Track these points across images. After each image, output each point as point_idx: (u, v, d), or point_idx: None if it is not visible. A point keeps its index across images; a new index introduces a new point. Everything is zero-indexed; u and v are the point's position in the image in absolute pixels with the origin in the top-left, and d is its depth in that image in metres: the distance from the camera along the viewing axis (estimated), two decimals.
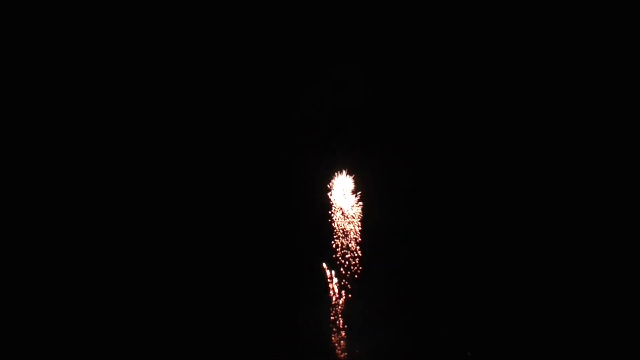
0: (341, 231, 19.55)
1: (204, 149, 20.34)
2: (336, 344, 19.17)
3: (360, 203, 19.76)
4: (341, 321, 19.25)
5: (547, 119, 19.84)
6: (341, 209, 19.66)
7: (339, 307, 19.33)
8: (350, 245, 19.49)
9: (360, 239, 19.52)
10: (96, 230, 19.70)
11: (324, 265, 19.47)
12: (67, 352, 18.81)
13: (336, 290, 19.40)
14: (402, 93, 20.27)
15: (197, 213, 20.10)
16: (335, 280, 19.42)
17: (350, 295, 19.35)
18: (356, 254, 19.45)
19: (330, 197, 19.75)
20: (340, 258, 19.46)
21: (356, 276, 19.40)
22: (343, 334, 19.18)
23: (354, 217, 19.64)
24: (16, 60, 19.64)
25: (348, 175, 19.83)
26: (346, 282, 19.41)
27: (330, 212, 19.67)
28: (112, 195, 19.95)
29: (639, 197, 19.23)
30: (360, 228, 19.63)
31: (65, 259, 19.36)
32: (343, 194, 19.75)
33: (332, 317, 19.27)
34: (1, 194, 19.32)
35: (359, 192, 19.74)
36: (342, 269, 19.44)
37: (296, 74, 20.21)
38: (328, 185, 19.80)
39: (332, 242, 19.55)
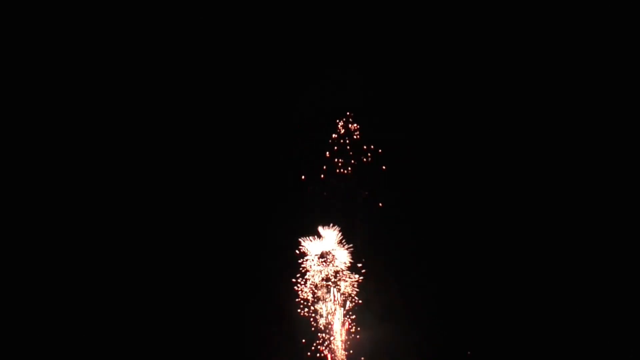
0: (341, 230, 19.56)
1: (204, 149, 20.37)
2: (336, 344, 19.17)
3: (361, 203, 19.77)
4: (340, 321, 19.25)
5: (548, 120, 19.88)
6: (342, 208, 19.67)
7: (339, 306, 19.34)
8: (350, 244, 19.50)
9: (360, 239, 19.53)
10: (92, 229, 19.79)
11: (324, 265, 19.47)
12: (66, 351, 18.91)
13: (336, 290, 19.41)
14: (402, 93, 20.30)
15: (197, 212, 20.12)
16: (335, 280, 19.43)
17: (350, 296, 19.35)
18: (356, 254, 19.46)
19: (330, 196, 19.77)
20: (340, 258, 19.47)
21: (356, 276, 19.41)
22: (342, 333, 19.18)
23: (354, 217, 19.64)
24: (16, 60, 19.71)
25: (348, 175, 19.84)
26: (346, 282, 19.41)
27: (330, 212, 19.69)
28: (110, 195, 20.01)
29: (638, 197, 19.27)
30: (360, 227, 19.65)
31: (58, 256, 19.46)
32: (344, 194, 19.76)
33: (331, 317, 19.27)
34: (1, 194, 19.41)
35: (360, 192, 19.75)
36: (342, 269, 19.44)
37: (296, 74, 20.23)
38: (328, 185, 19.81)
39: (332, 241, 19.55)
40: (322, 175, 19.63)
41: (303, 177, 19.62)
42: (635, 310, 18.60)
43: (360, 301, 19.21)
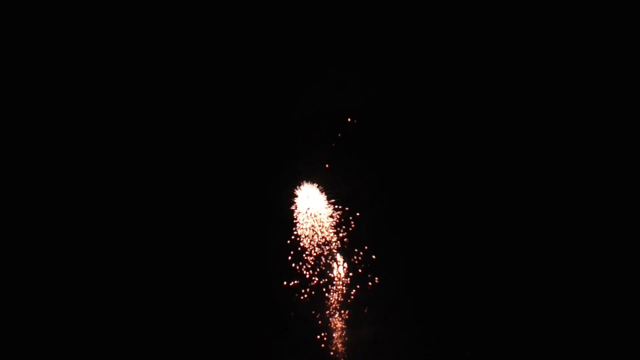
0: (341, 230, 19.58)
1: (203, 149, 20.37)
2: (334, 344, 19.18)
3: (361, 203, 19.79)
4: (339, 321, 19.26)
5: (548, 122, 19.88)
6: (342, 208, 19.69)
7: (337, 306, 19.35)
8: (350, 244, 19.53)
9: (360, 238, 19.56)
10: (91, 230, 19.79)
11: (323, 265, 19.49)
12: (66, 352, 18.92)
13: (335, 290, 19.41)
14: (402, 93, 20.30)
15: (196, 214, 20.13)
16: (334, 279, 19.44)
17: (348, 295, 19.37)
18: (356, 254, 19.48)
19: (330, 196, 19.78)
20: (339, 257, 19.50)
21: (355, 276, 19.43)
22: (341, 333, 19.20)
23: (354, 217, 19.67)
24: (16, 60, 19.70)
25: (349, 175, 19.86)
26: (345, 282, 19.43)
27: (330, 212, 19.70)
28: (108, 194, 20.02)
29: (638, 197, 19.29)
30: (360, 227, 19.67)
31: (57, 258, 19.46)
32: (343, 193, 19.78)
33: (330, 317, 19.29)
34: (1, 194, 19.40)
35: (360, 192, 19.77)
36: (341, 269, 19.47)
37: (296, 74, 20.22)
38: (328, 185, 19.83)
39: (332, 242, 19.58)
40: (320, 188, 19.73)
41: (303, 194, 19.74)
42: (635, 310, 18.62)
43: (366, 308, 19.28)
